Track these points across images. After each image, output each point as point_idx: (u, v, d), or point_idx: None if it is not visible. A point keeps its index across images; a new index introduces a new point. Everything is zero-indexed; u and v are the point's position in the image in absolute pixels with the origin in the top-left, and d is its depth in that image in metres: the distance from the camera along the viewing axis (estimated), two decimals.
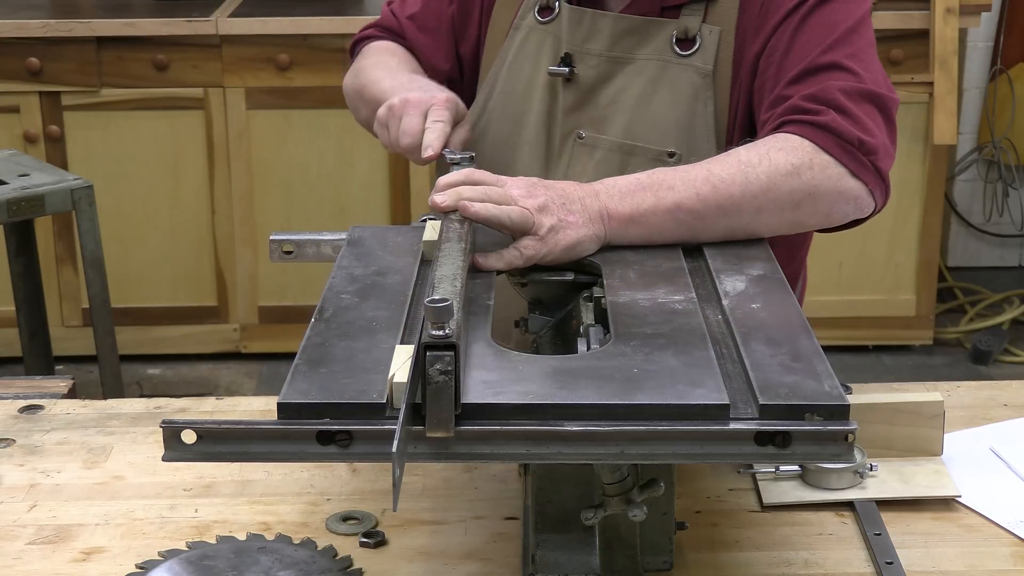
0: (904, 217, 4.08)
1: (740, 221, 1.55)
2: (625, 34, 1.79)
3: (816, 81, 1.64)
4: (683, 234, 1.55)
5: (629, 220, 1.52)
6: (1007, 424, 1.67)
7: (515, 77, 1.85)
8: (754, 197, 1.55)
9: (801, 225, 1.61)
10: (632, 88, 1.78)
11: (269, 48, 3.89)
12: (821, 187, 1.57)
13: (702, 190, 1.54)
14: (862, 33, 1.71)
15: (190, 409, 1.75)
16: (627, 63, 1.79)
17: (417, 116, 1.70)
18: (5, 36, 3.86)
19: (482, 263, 1.46)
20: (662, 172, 1.57)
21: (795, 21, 1.69)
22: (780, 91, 1.66)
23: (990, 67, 4.44)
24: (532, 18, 1.85)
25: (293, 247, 1.63)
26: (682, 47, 1.76)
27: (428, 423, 1.11)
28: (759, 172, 1.55)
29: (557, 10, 1.83)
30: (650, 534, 1.32)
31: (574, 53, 1.80)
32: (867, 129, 1.61)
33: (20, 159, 3.27)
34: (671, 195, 1.53)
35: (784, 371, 1.20)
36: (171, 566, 1.37)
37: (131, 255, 4.06)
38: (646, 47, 1.78)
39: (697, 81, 1.75)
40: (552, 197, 1.50)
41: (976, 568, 1.39)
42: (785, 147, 1.58)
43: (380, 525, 1.46)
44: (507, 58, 1.87)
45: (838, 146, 1.59)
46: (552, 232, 1.47)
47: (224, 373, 4.13)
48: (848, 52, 1.67)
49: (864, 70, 1.67)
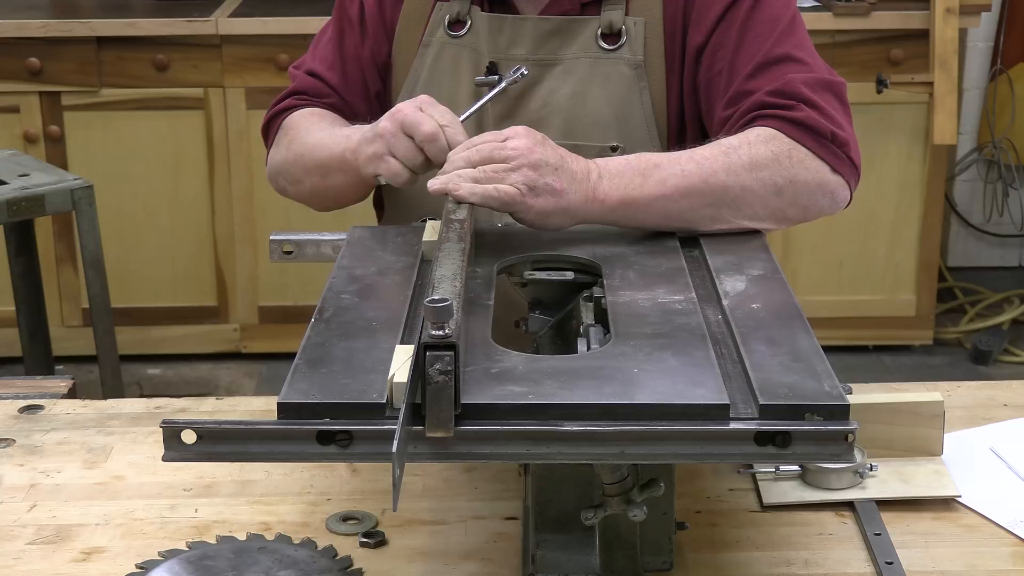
0: (904, 217, 4.08)
1: (726, 199, 1.57)
2: (548, 36, 1.79)
3: (773, 74, 1.68)
4: (671, 215, 1.56)
5: (618, 203, 1.55)
6: (1007, 424, 1.67)
7: (433, 94, 1.80)
8: (737, 175, 1.57)
9: (782, 217, 1.62)
10: (564, 88, 1.79)
11: (269, 48, 3.89)
12: (800, 177, 1.61)
13: (687, 168, 1.57)
14: (799, 23, 1.76)
15: (190, 409, 1.75)
16: (555, 64, 1.79)
17: (422, 115, 1.60)
18: (5, 36, 3.86)
19: (455, 192, 1.47)
20: (647, 154, 1.61)
21: (739, 16, 1.72)
22: (739, 86, 1.69)
23: (990, 67, 4.43)
24: (443, 34, 1.83)
25: (293, 247, 1.63)
26: (608, 42, 1.77)
27: (428, 423, 1.11)
28: (740, 154, 1.59)
29: (469, 22, 1.82)
30: (650, 534, 1.32)
31: (499, 61, 1.80)
32: (836, 122, 1.65)
33: (20, 159, 3.27)
34: (657, 172, 1.56)
35: (784, 371, 1.20)
36: (171, 566, 1.37)
37: (131, 255, 4.06)
38: (572, 46, 1.78)
39: (628, 73, 1.76)
40: (549, 159, 1.51)
41: (976, 568, 1.39)
42: (763, 136, 1.62)
43: (380, 525, 1.46)
44: (420, 76, 1.84)
45: (815, 141, 1.63)
46: (533, 192, 1.50)
47: (224, 373, 4.13)
48: (794, 43, 1.72)
49: (811, 59, 1.72)
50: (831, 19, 3.83)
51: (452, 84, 1.83)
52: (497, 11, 1.81)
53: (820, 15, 3.83)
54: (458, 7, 1.82)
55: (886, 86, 3.82)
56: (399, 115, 1.61)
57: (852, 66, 3.85)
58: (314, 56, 1.93)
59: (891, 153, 4.02)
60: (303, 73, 1.92)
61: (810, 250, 4.06)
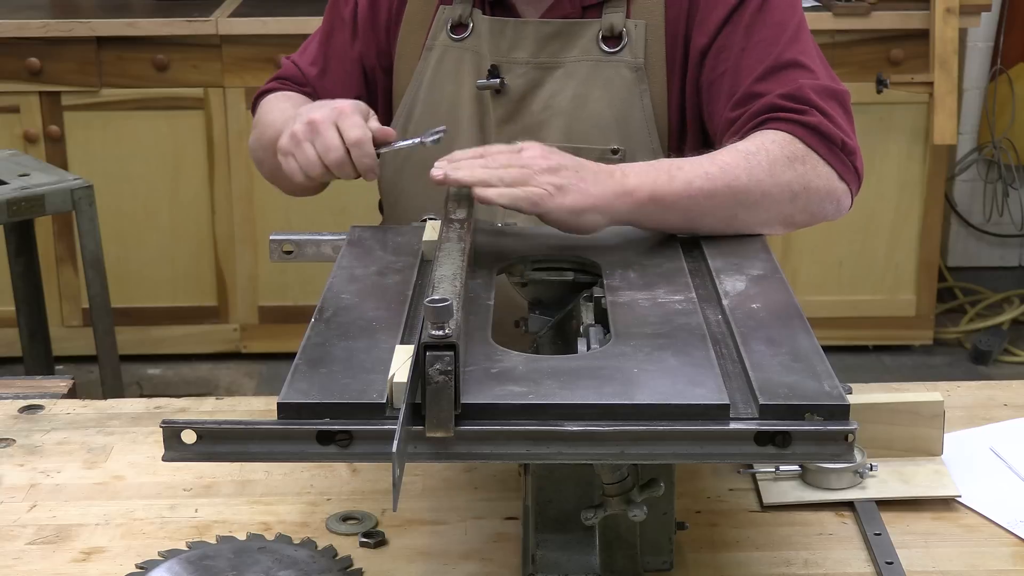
0: (904, 217, 4.08)
1: (746, 203, 1.56)
2: (550, 39, 1.79)
3: (784, 78, 1.68)
4: (692, 217, 1.55)
5: (647, 198, 1.52)
6: (1007, 424, 1.67)
7: (436, 97, 1.84)
8: (759, 181, 1.57)
9: (792, 222, 1.62)
10: (565, 91, 1.79)
11: (269, 48, 3.89)
12: (813, 183, 1.61)
13: (710, 170, 1.56)
14: (805, 29, 1.76)
15: (190, 409, 1.75)
16: (556, 68, 1.79)
17: (331, 130, 1.60)
18: (5, 36, 3.86)
19: (481, 195, 1.45)
20: (667, 159, 1.59)
21: (745, 17, 1.72)
22: (748, 88, 1.69)
23: (990, 67, 4.43)
24: (445, 37, 1.84)
25: (293, 247, 1.63)
26: (609, 44, 1.77)
27: (428, 423, 1.11)
28: (759, 159, 1.58)
29: (472, 25, 1.82)
30: (650, 534, 1.32)
31: (500, 64, 1.80)
32: (845, 130, 1.66)
33: (20, 159, 3.27)
34: (682, 174, 1.54)
35: (784, 371, 1.20)
36: (171, 566, 1.37)
37: (131, 255, 4.05)
38: (573, 49, 1.78)
39: (629, 76, 1.76)
40: (566, 163, 1.49)
41: (976, 568, 1.39)
42: (778, 140, 1.61)
43: (380, 525, 1.46)
44: (424, 79, 1.85)
45: (825, 147, 1.63)
46: (561, 191, 1.46)
47: (224, 373, 4.13)
48: (800, 49, 1.72)
49: (816, 66, 1.72)
50: (831, 19, 3.83)
51: (455, 87, 1.83)
52: (499, 14, 1.81)
53: (820, 15, 3.83)
54: (460, 10, 1.82)
55: (886, 86, 3.82)
56: (305, 130, 1.61)
57: (852, 66, 3.85)
58: (303, 50, 1.96)
59: (891, 153, 4.01)
60: (289, 61, 1.96)
61: (810, 250, 4.06)
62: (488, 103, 1.82)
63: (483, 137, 1.82)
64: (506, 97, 1.80)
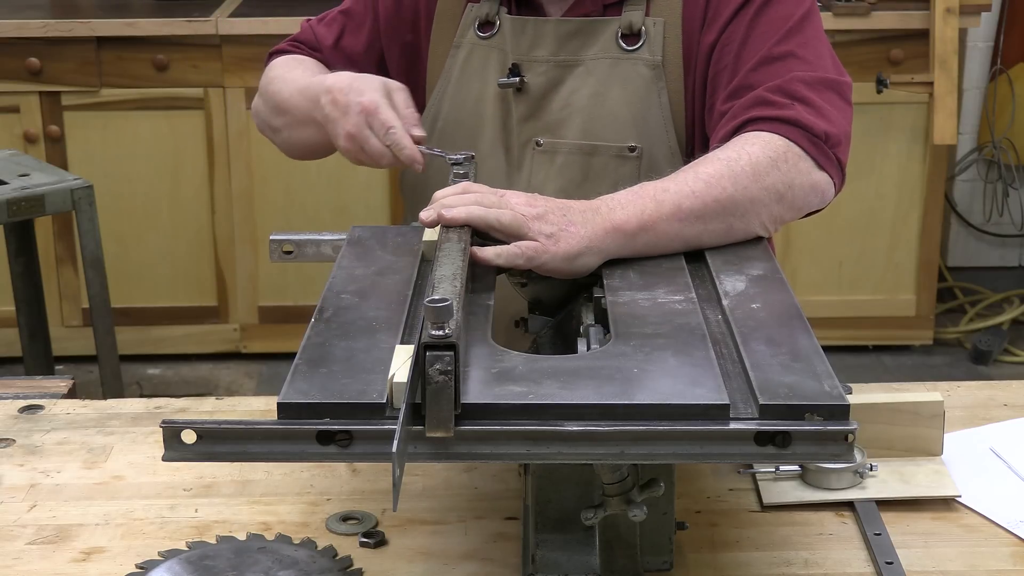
0: (904, 217, 4.08)
1: (736, 212, 1.56)
2: (569, 37, 1.80)
3: (774, 70, 1.69)
4: (688, 238, 1.54)
5: (638, 229, 1.50)
6: (1007, 424, 1.67)
7: (463, 94, 1.85)
8: (745, 188, 1.56)
9: (780, 220, 1.63)
10: (584, 89, 1.79)
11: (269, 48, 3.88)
12: (796, 181, 1.61)
13: (695, 187, 1.54)
14: (812, 22, 1.77)
15: (190, 409, 1.75)
16: (576, 65, 1.80)
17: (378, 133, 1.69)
18: (5, 36, 3.86)
19: (479, 255, 1.43)
20: (650, 183, 1.56)
21: (749, 14, 1.73)
22: (740, 80, 1.70)
23: (990, 67, 4.44)
24: (473, 35, 1.85)
25: (293, 247, 1.63)
26: (628, 42, 1.78)
27: (428, 423, 1.11)
28: (742, 164, 1.57)
29: (498, 24, 1.83)
30: (650, 534, 1.32)
31: (521, 62, 1.81)
32: (831, 119, 1.65)
33: (20, 159, 3.27)
34: (668, 197, 1.53)
35: (784, 371, 1.20)
36: (171, 566, 1.37)
37: (131, 255, 4.06)
38: (592, 47, 1.79)
39: (647, 73, 1.76)
40: (552, 208, 1.48)
41: (976, 568, 1.39)
42: (758, 142, 1.61)
43: (380, 525, 1.46)
44: (452, 76, 1.86)
45: (806, 139, 1.63)
46: (552, 239, 1.45)
47: (224, 373, 4.13)
48: (800, 41, 1.72)
49: (816, 58, 1.72)
50: (831, 19, 3.83)
51: (481, 85, 1.84)
52: (524, 13, 1.82)
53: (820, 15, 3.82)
54: (487, 9, 1.84)
55: (886, 86, 3.82)
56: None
57: (852, 66, 3.83)
58: (323, 16, 2.02)
59: (891, 153, 4.02)
60: (308, 25, 2.03)
61: (810, 250, 4.06)
62: (511, 101, 1.83)
63: (505, 135, 1.83)
64: (527, 95, 1.81)
